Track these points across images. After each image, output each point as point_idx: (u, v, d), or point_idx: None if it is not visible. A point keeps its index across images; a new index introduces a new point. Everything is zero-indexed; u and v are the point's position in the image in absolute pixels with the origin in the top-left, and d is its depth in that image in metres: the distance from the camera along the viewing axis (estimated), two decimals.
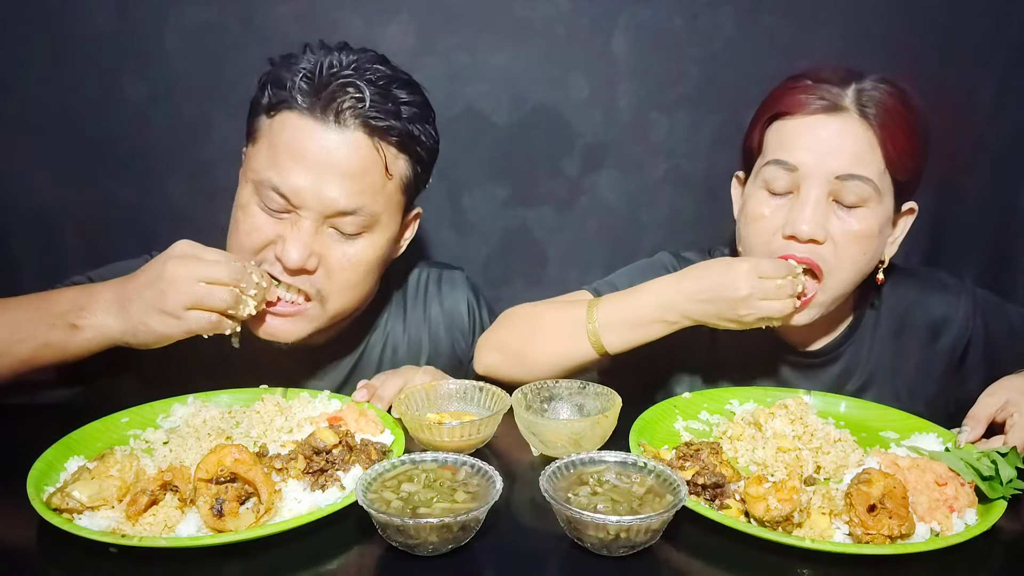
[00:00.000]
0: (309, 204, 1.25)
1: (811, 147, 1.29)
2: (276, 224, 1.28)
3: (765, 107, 1.38)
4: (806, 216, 1.28)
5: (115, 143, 1.78)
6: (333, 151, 1.24)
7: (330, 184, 1.24)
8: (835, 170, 1.28)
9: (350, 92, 1.24)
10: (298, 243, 1.25)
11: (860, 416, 1.33)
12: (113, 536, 0.92)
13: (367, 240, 1.31)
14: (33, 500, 0.98)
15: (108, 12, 1.71)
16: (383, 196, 1.29)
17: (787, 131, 1.33)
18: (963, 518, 1.00)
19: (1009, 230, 1.87)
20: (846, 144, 1.28)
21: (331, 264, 1.29)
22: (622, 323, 1.31)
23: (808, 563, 0.93)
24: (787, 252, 1.31)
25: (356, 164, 1.25)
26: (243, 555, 0.94)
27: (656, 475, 1.01)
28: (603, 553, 0.93)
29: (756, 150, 1.39)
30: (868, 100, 1.29)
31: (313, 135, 1.24)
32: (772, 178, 1.33)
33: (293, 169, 1.24)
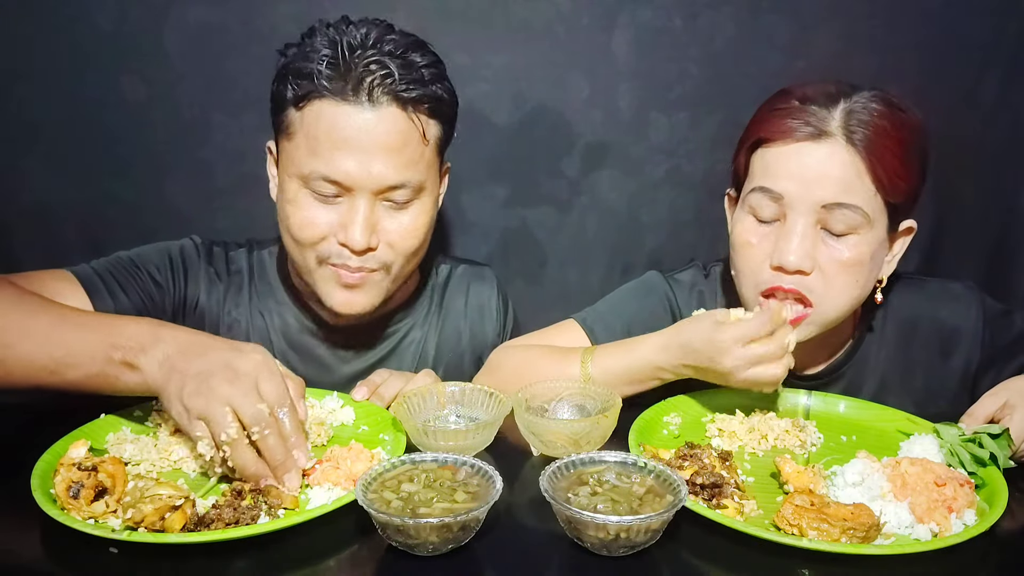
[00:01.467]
0: (361, 184, 1.27)
1: (796, 175, 1.26)
2: (329, 212, 1.31)
3: (750, 130, 1.35)
4: (792, 247, 1.26)
5: (115, 143, 1.78)
6: (373, 130, 1.26)
7: (376, 161, 1.27)
8: (821, 199, 1.25)
9: (375, 70, 1.25)
10: (359, 224, 1.28)
11: (860, 416, 1.33)
12: (114, 533, 0.92)
13: (418, 206, 1.35)
14: (37, 497, 0.98)
15: (108, 12, 1.71)
16: (423, 163, 1.32)
17: (771, 158, 1.30)
18: (962, 518, 1.00)
19: (1009, 230, 1.87)
20: (832, 172, 1.25)
21: (391, 236, 1.33)
22: (618, 381, 1.31)
23: (808, 563, 0.93)
24: (775, 283, 1.29)
25: (396, 138, 1.27)
26: (243, 553, 0.94)
27: (656, 475, 1.01)
28: (603, 553, 0.93)
29: (743, 173, 1.37)
30: (856, 124, 1.25)
31: (350, 118, 1.26)
32: (758, 205, 1.31)
33: (338, 155, 1.26)
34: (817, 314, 1.30)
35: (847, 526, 0.95)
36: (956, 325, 1.44)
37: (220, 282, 1.49)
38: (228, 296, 1.49)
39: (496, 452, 1.20)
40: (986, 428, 1.14)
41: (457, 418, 1.26)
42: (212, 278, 1.49)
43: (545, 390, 1.27)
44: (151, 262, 1.43)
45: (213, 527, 0.95)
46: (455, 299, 1.59)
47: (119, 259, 1.40)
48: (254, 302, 1.50)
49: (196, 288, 1.46)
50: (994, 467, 1.10)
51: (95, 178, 1.79)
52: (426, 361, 1.54)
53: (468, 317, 1.59)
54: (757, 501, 1.05)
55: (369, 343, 1.51)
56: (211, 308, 1.47)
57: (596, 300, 1.63)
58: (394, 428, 1.22)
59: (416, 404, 1.25)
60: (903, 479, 1.05)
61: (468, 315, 1.59)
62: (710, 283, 1.55)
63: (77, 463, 1.02)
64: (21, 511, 1.00)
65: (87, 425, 1.20)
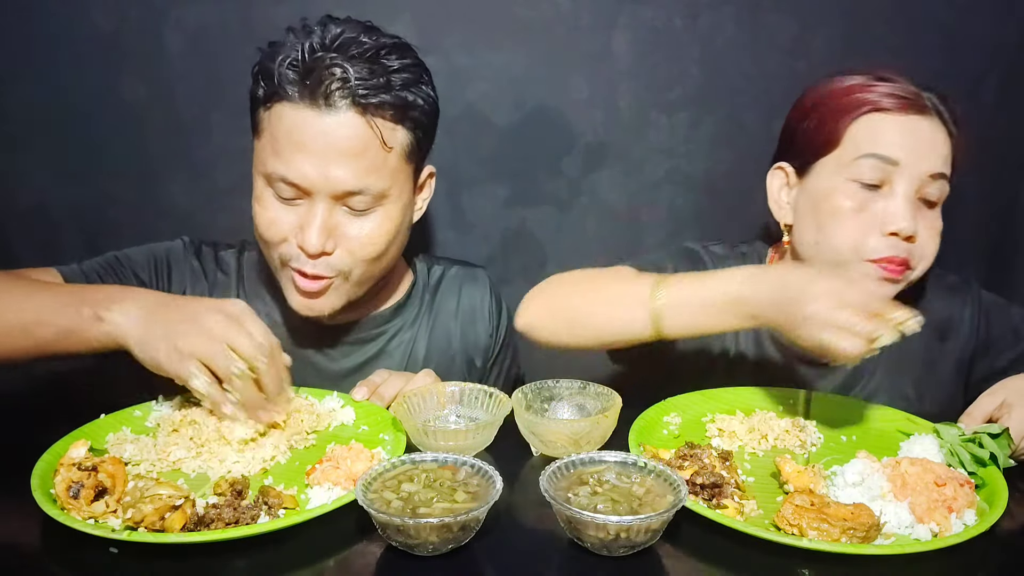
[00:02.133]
0: (318, 188, 1.27)
1: (909, 144, 1.32)
2: (291, 212, 1.31)
3: (848, 102, 1.36)
4: (907, 213, 1.31)
5: (115, 143, 1.78)
6: (330, 134, 1.25)
7: (334, 166, 1.26)
8: (929, 169, 1.32)
9: (336, 74, 1.24)
10: (315, 227, 1.28)
11: (860, 416, 1.33)
12: (114, 533, 0.92)
13: (380, 214, 1.33)
14: (37, 497, 0.98)
15: (108, 12, 1.71)
16: (386, 170, 1.30)
17: (884, 126, 1.34)
18: (962, 518, 1.00)
19: (1010, 230, 1.87)
20: (936, 144, 1.33)
21: (350, 243, 1.32)
22: (689, 306, 1.21)
23: (808, 563, 0.93)
24: (888, 252, 1.31)
25: (355, 144, 1.26)
26: (243, 553, 0.94)
27: (656, 475, 1.01)
28: (603, 553, 0.93)
29: (828, 143, 1.37)
30: (943, 103, 1.35)
31: (308, 122, 1.25)
32: (867, 172, 1.33)
33: (296, 157, 1.26)
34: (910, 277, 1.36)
35: (847, 526, 0.95)
36: (951, 315, 1.47)
37: (206, 279, 1.50)
38: (214, 294, 1.49)
39: (496, 452, 1.20)
40: (986, 428, 1.14)
41: (457, 418, 1.26)
42: (198, 275, 1.49)
43: (544, 391, 1.27)
44: (136, 261, 1.45)
45: (213, 527, 0.95)
46: (447, 300, 1.58)
47: (106, 258, 1.43)
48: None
49: (180, 287, 1.47)
50: (994, 467, 1.10)
51: (94, 178, 1.79)
52: (416, 362, 1.53)
53: (459, 319, 1.58)
54: (757, 501, 1.05)
55: (358, 343, 1.51)
56: None
57: None
58: (394, 428, 1.22)
59: (416, 404, 1.25)
60: (903, 479, 1.05)
61: (459, 317, 1.58)
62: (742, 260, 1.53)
63: (77, 463, 1.02)
64: (21, 511, 1.00)
65: (87, 425, 1.20)
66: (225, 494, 1.02)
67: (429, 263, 1.62)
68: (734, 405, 1.33)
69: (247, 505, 0.99)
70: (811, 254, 1.40)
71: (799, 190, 1.43)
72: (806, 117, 1.41)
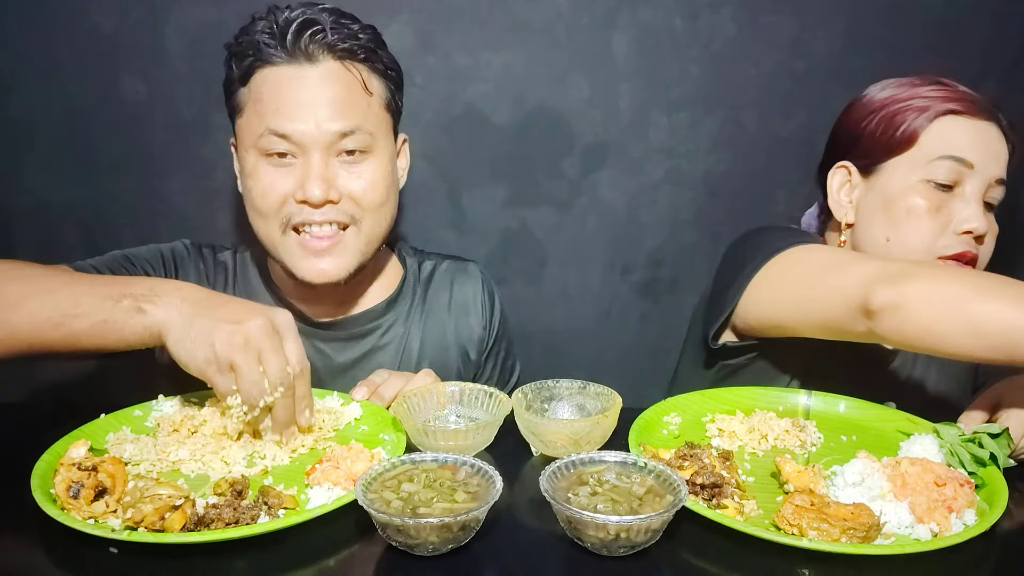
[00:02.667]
0: (312, 138, 1.32)
1: (981, 148, 1.37)
2: (287, 175, 1.34)
3: (927, 102, 1.40)
4: (978, 213, 1.37)
5: (115, 143, 1.78)
6: (315, 85, 1.32)
7: (323, 112, 1.32)
8: (995, 173, 1.37)
9: (308, 27, 1.31)
10: (314, 177, 1.32)
11: (860, 416, 1.33)
12: (114, 532, 0.92)
13: (373, 161, 1.38)
14: (37, 497, 0.98)
15: (108, 12, 1.71)
16: (371, 114, 1.37)
17: (960, 129, 1.38)
18: (962, 518, 1.00)
19: (1010, 230, 1.87)
20: (1001, 150, 1.39)
21: (352, 190, 1.36)
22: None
23: (808, 563, 0.93)
24: (963, 248, 1.38)
25: (339, 90, 1.33)
26: (243, 553, 0.94)
27: (656, 475, 1.01)
28: (603, 553, 0.93)
29: (903, 143, 1.40)
30: (1002, 112, 1.39)
31: (292, 78, 1.32)
32: (944, 173, 1.37)
33: (284, 111, 1.32)
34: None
35: (847, 526, 0.95)
36: None
37: (208, 281, 1.51)
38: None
39: (496, 452, 1.20)
40: (986, 428, 1.14)
41: (457, 418, 1.26)
42: (202, 276, 1.51)
43: (544, 391, 1.27)
44: (144, 259, 1.46)
45: (213, 527, 0.95)
46: (439, 294, 1.59)
47: (114, 256, 1.43)
48: None
49: None
50: (994, 467, 1.10)
51: (95, 178, 1.79)
52: (410, 356, 1.54)
53: (452, 312, 1.59)
54: (757, 501, 1.05)
55: (352, 339, 1.52)
56: None
57: (596, 300, 1.64)
58: (394, 428, 1.22)
59: (416, 404, 1.25)
60: (903, 479, 1.05)
61: (452, 310, 1.59)
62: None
63: (77, 463, 1.02)
64: (21, 511, 1.00)
65: (87, 425, 1.20)
66: (225, 494, 1.02)
67: (420, 258, 1.63)
68: (734, 405, 1.33)
69: (247, 505, 0.99)
70: (881, 252, 1.43)
71: (864, 189, 1.46)
72: (874, 117, 1.44)
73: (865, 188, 1.45)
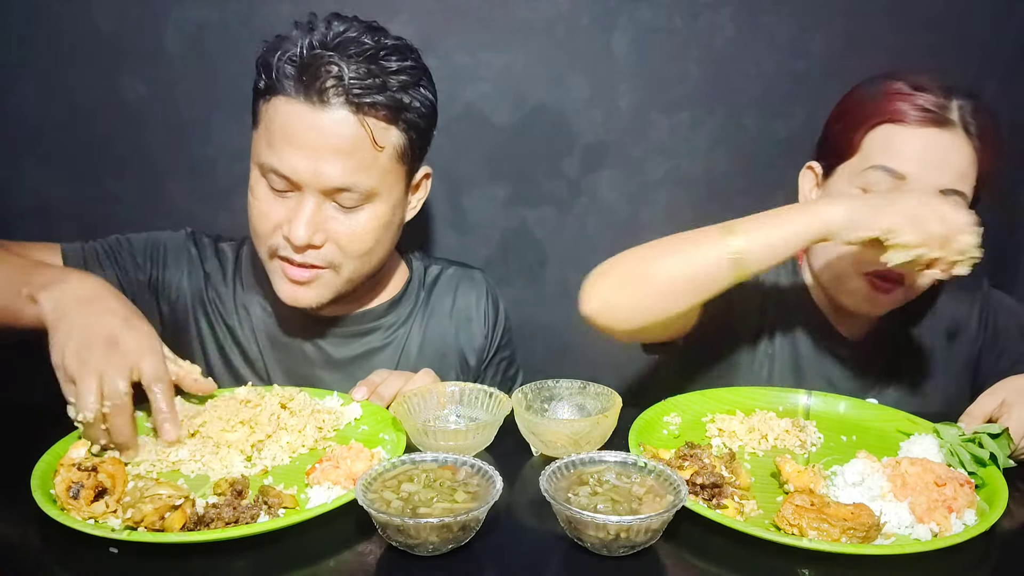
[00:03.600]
0: (308, 182, 1.29)
1: (920, 158, 1.30)
2: (282, 205, 1.32)
3: (867, 111, 1.36)
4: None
5: (115, 143, 1.78)
6: (323, 131, 1.27)
7: (324, 162, 1.27)
8: (939, 184, 1.29)
9: (331, 71, 1.25)
10: (302, 221, 1.30)
11: (860, 416, 1.33)
12: (114, 532, 0.92)
13: (369, 211, 1.34)
14: (37, 497, 0.98)
15: (108, 12, 1.71)
16: (376, 169, 1.32)
17: (896, 138, 1.33)
18: (962, 518, 1.00)
19: (1011, 230, 1.87)
20: (953, 160, 1.30)
21: (339, 237, 1.34)
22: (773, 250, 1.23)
23: (808, 563, 0.93)
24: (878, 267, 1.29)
25: (347, 142, 1.28)
26: (243, 553, 0.94)
27: (656, 475, 1.01)
28: (603, 553, 0.93)
29: (848, 150, 1.38)
30: (971, 116, 1.31)
31: (303, 117, 1.27)
32: (875, 183, 1.33)
33: (288, 150, 1.28)
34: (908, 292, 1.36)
35: (847, 526, 0.95)
36: (960, 314, 1.48)
37: (202, 267, 1.51)
38: (210, 282, 1.51)
39: (496, 452, 1.20)
40: (986, 428, 1.14)
41: (457, 418, 1.26)
42: (195, 263, 1.51)
43: (544, 391, 1.27)
44: (135, 246, 1.48)
45: (213, 526, 0.95)
46: (442, 299, 1.59)
47: (109, 240, 1.47)
48: (238, 293, 1.51)
49: (177, 272, 1.49)
50: (994, 467, 1.11)
51: (95, 178, 1.79)
52: (409, 359, 1.54)
53: (454, 318, 1.58)
54: (757, 501, 1.05)
55: (351, 337, 1.52)
56: (192, 290, 1.49)
57: None
58: (394, 428, 1.22)
59: (416, 404, 1.25)
60: (903, 479, 1.05)
61: (454, 316, 1.58)
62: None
63: (77, 463, 1.02)
64: (21, 511, 1.00)
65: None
66: (225, 494, 1.02)
67: (426, 262, 1.62)
68: (734, 405, 1.33)
69: (247, 505, 0.99)
70: (820, 260, 1.42)
71: (821, 191, 1.44)
72: (837, 121, 1.43)
73: (822, 191, 1.44)
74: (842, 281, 1.40)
